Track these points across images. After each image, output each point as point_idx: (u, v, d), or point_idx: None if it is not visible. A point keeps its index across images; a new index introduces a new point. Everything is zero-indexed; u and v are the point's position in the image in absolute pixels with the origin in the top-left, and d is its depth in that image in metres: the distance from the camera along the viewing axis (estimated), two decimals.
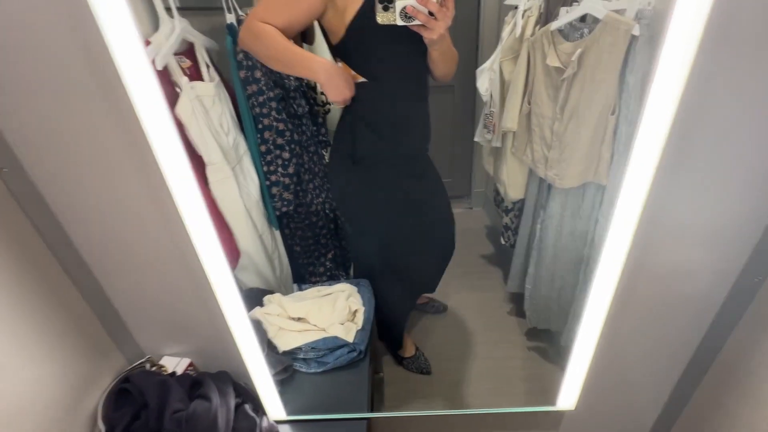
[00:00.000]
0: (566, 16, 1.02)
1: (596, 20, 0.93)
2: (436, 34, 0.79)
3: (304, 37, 1.80)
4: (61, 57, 0.50)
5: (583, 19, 1.01)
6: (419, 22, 0.78)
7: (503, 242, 1.76)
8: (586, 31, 0.97)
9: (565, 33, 1.04)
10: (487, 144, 1.62)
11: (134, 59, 0.46)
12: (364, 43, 0.88)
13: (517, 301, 1.78)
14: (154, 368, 0.77)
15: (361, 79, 0.93)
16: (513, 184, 1.44)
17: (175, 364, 0.80)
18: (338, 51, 0.93)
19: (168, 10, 0.90)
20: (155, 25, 0.90)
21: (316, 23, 0.92)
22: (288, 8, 0.86)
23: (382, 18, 0.78)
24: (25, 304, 0.59)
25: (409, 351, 1.51)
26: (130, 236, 0.68)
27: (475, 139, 1.67)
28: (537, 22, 1.26)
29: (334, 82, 0.90)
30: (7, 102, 0.54)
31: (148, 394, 0.67)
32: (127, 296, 0.75)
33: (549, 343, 1.59)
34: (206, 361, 0.84)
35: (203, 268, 0.67)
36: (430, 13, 0.77)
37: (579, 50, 0.96)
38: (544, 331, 1.57)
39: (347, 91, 0.92)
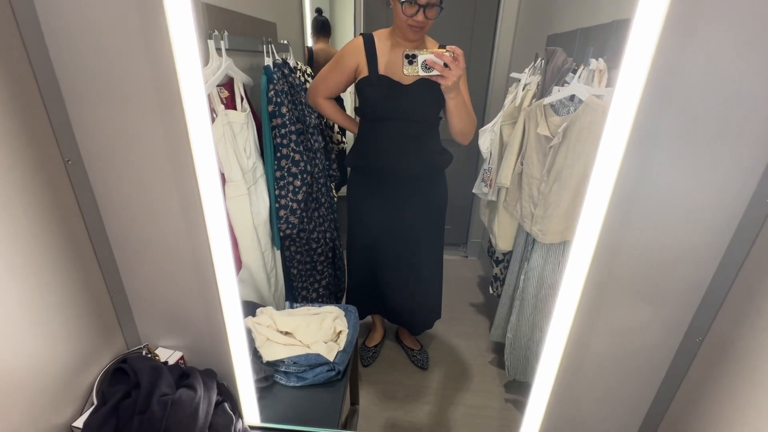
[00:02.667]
0: (557, 94, 1.18)
1: (581, 101, 1.08)
2: (450, 81, 1.04)
3: None
4: (134, 73, 0.63)
5: (571, 98, 1.17)
6: (437, 73, 1.01)
7: (491, 292, 1.83)
8: (572, 108, 1.12)
9: (555, 108, 1.20)
10: (483, 197, 1.74)
11: (195, 87, 0.58)
12: (361, 96, 1.30)
13: (499, 351, 1.81)
14: (149, 355, 0.83)
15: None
16: (503, 236, 1.54)
17: (168, 355, 0.87)
18: None
19: (218, 50, 1.07)
20: (205, 60, 1.06)
21: None
22: (332, 83, 1.33)
23: (408, 70, 1.01)
24: (57, 278, 0.68)
25: (373, 341, 1.75)
26: (155, 232, 0.77)
27: (473, 191, 1.80)
28: (534, 96, 1.43)
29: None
30: (84, 102, 0.66)
31: (141, 375, 0.74)
32: (138, 286, 0.83)
33: (527, 396, 1.59)
34: (196, 357, 0.91)
35: (214, 272, 0.76)
36: (446, 65, 1.00)
37: (565, 124, 1.10)
38: (523, 384, 1.59)
39: None
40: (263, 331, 1.05)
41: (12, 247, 0.60)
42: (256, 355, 1.02)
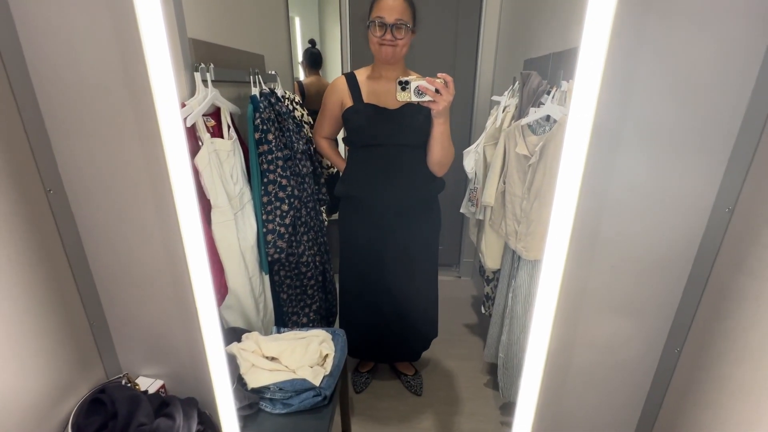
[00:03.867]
0: (533, 114, 1.22)
1: (555, 120, 1.12)
2: (441, 106, 1.09)
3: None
4: (116, 105, 0.66)
5: (547, 118, 1.21)
6: (429, 98, 1.06)
7: (483, 311, 1.81)
8: (548, 128, 1.16)
9: (532, 128, 1.23)
10: (471, 216, 1.76)
11: (172, 117, 0.61)
12: (347, 124, 1.34)
13: (494, 372, 1.78)
14: (128, 384, 0.82)
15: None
16: (490, 255, 1.54)
17: (148, 384, 0.85)
18: None
19: (204, 81, 1.11)
20: (192, 91, 1.10)
21: None
22: (325, 124, 1.44)
23: (400, 96, 1.05)
24: (35, 306, 0.68)
25: (366, 366, 1.73)
26: (136, 260, 0.78)
27: (461, 210, 1.82)
28: (513, 117, 1.48)
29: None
30: (68, 133, 0.68)
31: (119, 405, 0.73)
32: (119, 313, 0.83)
33: None
34: (177, 385, 0.89)
35: (195, 300, 0.76)
36: (437, 91, 1.05)
37: (541, 143, 1.13)
38: None
39: None
40: (248, 357, 1.03)
41: None
42: (240, 381, 1.01)
